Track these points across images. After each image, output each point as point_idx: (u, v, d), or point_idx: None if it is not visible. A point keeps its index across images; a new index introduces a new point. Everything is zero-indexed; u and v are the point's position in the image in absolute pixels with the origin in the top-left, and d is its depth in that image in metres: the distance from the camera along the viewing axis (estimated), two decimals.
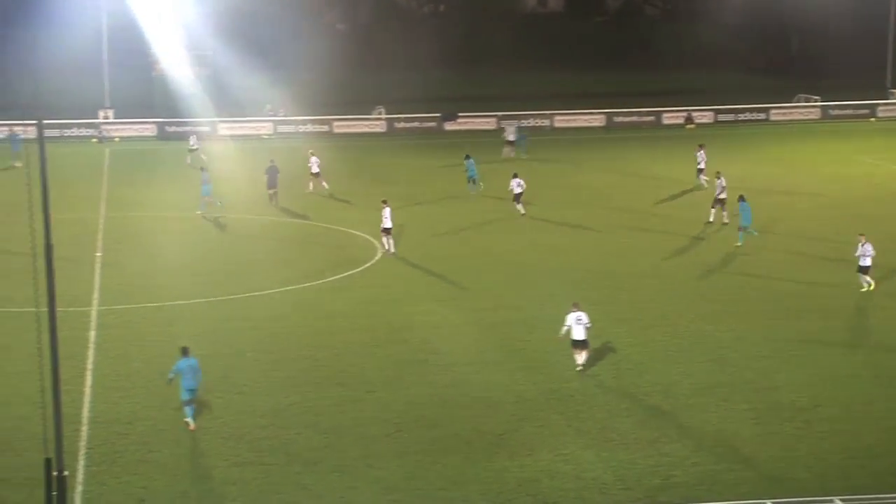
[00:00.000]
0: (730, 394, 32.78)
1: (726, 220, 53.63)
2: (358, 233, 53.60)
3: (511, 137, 77.16)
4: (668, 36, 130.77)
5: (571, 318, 34.39)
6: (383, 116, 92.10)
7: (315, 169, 63.35)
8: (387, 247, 49.28)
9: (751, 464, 28.19)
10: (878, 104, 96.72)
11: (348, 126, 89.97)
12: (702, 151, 64.76)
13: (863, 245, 42.48)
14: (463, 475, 27.65)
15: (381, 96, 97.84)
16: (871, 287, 42.27)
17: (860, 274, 42.52)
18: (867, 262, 42.30)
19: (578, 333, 34.37)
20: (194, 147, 72.91)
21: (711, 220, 54.51)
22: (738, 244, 49.51)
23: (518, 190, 56.82)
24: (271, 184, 59.89)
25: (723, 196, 54.20)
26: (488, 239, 52.68)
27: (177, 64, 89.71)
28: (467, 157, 63.99)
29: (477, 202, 60.63)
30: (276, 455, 28.83)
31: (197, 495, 26.68)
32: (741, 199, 49.72)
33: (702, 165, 64.16)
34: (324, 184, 63.02)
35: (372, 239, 51.78)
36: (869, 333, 38.24)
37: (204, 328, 39.32)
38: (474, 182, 62.78)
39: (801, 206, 59.13)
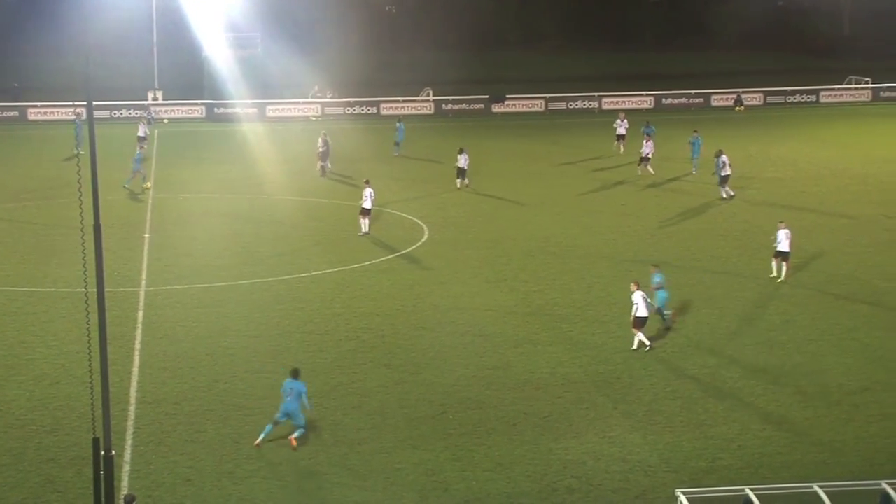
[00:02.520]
0: (778, 377, 32.58)
1: (728, 195, 55.34)
2: (404, 215, 53.64)
3: (622, 131, 70.10)
4: (719, 17, 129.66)
5: (639, 297, 34.66)
6: (431, 98, 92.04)
7: (322, 148, 63.34)
8: (364, 228, 49.37)
9: (797, 447, 28.00)
10: None
11: (396, 107, 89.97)
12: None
13: (782, 230, 42.37)
14: (508, 457, 27.66)
15: (430, 77, 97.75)
16: (781, 276, 42.09)
17: (775, 259, 42.44)
18: (786, 247, 42.13)
19: (642, 311, 34.65)
20: (142, 135, 70.04)
21: (724, 196, 55.79)
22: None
23: (462, 164, 58.66)
24: (323, 157, 62.52)
25: (726, 173, 55.64)
26: (536, 222, 52.51)
27: (224, 46, 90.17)
28: (400, 120, 72.07)
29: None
30: (323, 435, 28.94)
31: (243, 475, 26.83)
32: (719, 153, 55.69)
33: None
34: (321, 165, 63.31)
35: (419, 221, 51.82)
36: None
37: (252, 309, 39.50)
38: (398, 145, 69.71)
39: (852, 189, 58.52)
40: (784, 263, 42.27)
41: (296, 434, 28.43)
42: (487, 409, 30.51)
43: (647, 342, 34.81)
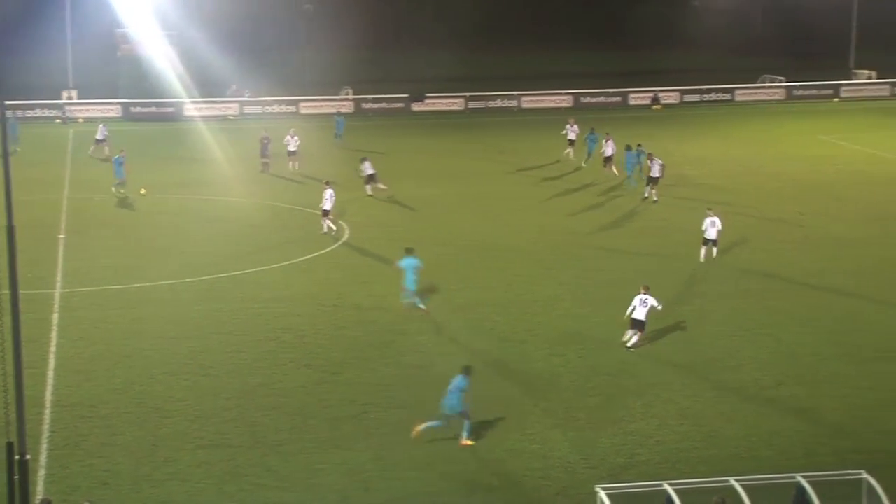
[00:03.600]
0: (694, 372, 32.96)
1: (656, 199, 54.85)
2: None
3: (572, 136, 67.89)
4: (636, 16, 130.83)
5: (637, 300, 34.92)
6: (351, 97, 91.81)
7: (292, 147, 63.54)
8: (325, 228, 49.31)
9: (714, 442, 28.35)
10: (841, 84, 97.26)
11: (315, 106, 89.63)
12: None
13: (709, 218, 44.01)
14: (430, 456, 27.67)
15: (349, 77, 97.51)
16: (711, 257, 44.09)
17: (704, 246, 44.17)
18: (712, 235, 43.93)
19: (639, 314, 34.83)
20: (101, 138, 69.36)
21: (646, 196, 55.87)
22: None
23: (370, 171, 57.54)
24: (264, 153, 63.11)
25: (657, 175, 55.76)
26: (457, 221, 52.65)
27: (142, 44, 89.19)
28: (339, 112, 76.46)
29: (442, 185, 60.60)
30: (242, 437, 28.75)
31: (161, 478, 26.56)
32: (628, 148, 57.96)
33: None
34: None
35: (340, 221, 51.68)
36: (832, 313, 38.44)
37: (169, 310, 39.14)
38: (340, 137, 73.03)
39: (767, 187, 59.32)
40: (714, 249, 44.04)
41: (464, 434, 28.32)
42: (409, 409, 30.48)
43: (630, 344, 34.87)
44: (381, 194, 56.99)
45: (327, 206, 49.45)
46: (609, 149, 61.39)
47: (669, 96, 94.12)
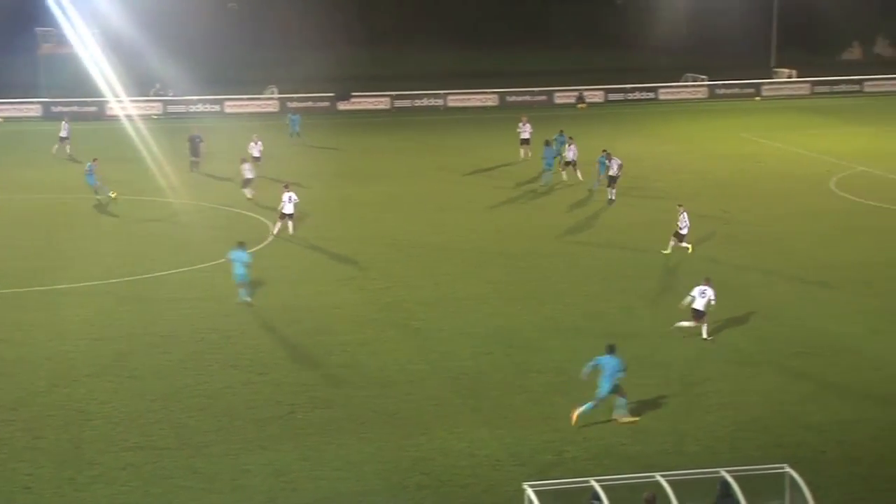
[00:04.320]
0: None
1: (614, 198, 54.66)
2: (250, 214, 53.14)
3: (525, 135, 67.09)
4: (561, 16, 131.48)
5: (696, 290, 35.52)
6: (276, 96, 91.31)
7: (256, 153, 62.04)
8: (286, 229, 48.62)
9: (641, 438, 28.56)
10: (762, 83, 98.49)
11: (240, 106, 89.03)
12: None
13: (681, 215, 44.99)
14: (357, 455, 27.61)
15: (274, 75, 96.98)
16: (687, 251, 45.20)
17: (674, 239, 45.24)
18: (684, 230, 45.04)
19: (698, 304, 35.39)
20: (65, 136, 68.80)
21: (612, 197, 55.43)
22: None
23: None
24: (193, 152, 62.11)
25: (615, 174, 55.45)
26: (384, 220, 52.57)
27: (64, 43, 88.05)
28: (294, 112, 76.19)
29: (376, 185, 60.47)
30: (168, 439, 28.49)
31: (85, 481, 26.24)
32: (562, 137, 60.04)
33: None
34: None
35: (265, 220, 51.39)
36: (755, 308, 38.88)
37: (93, 311, 38.69)
38: (297, 135, 73.05)
39: (690, 184, 59.85)
40: (681, 243, 45.14)
41: (622, 411, 29.04)
42: (336, 408, 30.42)
43: (699, 332, 35.63)
44: (248, 200, 54.98)
45: (288, 209, 48.42)
46: (570, 153, 60.77)
47: (594, 95, 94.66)
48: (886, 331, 36.50)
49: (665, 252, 45.15)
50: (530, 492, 21.57)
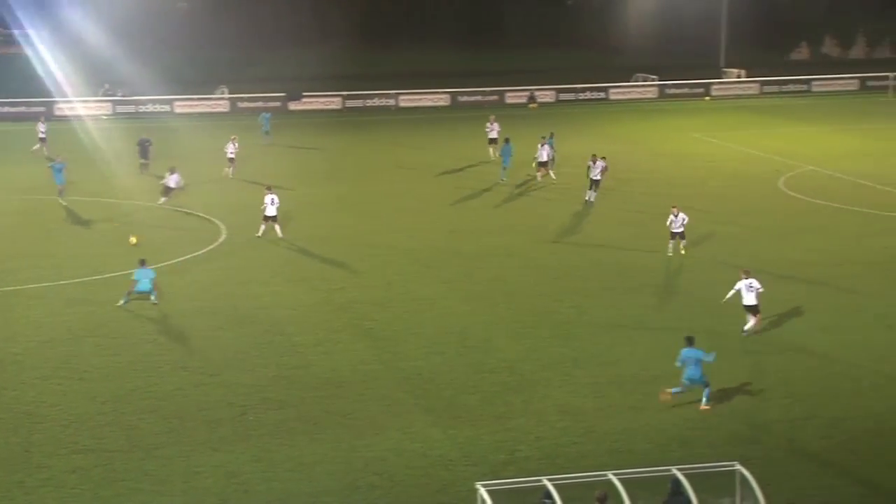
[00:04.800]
0: (573, 368, 33.29)
1: (592, 200, 54.58)
2: (201, 214, 52.86)
3: (493, 134, 67.07)
4: (512, 16, 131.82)
5: (742, 284, 35.71)
6: (226, 96, 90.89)
7: (231, 154, 61.78)
8: (272, 231, 47.69)
9: (593, 437, 28.67)
10: (712, 83, 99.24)
11: (190, 106, 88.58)
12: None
13: (675, 216, 45.01)
14: (310, 456, 27.53)
15: (225, 76, 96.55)
16: (683, 251, 45.11)
17: (671, 240, 45.25)
18: (679, 229, 45.06)
19: (749, 300, 35.60)
20: (42, 135, 68.96)
21: (587, 199, 55.22)
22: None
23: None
24: (143, 155, 61.64)
25: (596, 177, 54.70)
26: (337, 220, 52.46)
27: (12, 43, 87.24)
28: (266, 112, 76.04)
29: (329, 186, 60.31)
30: (118, 442, 28.28)
31: (34, 485, 25.98)
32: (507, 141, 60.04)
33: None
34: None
35: (215, 220, 51.15)
36: (704, 307, 39.12)
37: (41, 313, 38.33)
38: (268, 133, 73.31)
39: (640, 183, 60.19)
40: (682, 241, 45.19)
41: (704, 400, 29.83)
42: (288, 409, 30.32)
43: (746, 327, 35.93)
44: (164, 205, 53.96)
45: (271, 211, 47.65)
46: (544, 154, 60.38)
47: (545, 95, 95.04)
48: (835, 328, 36.86)
49: (669, 254, 45.10)
50: (483, 491, 21.59)
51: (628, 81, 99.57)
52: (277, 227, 48.05)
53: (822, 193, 57.16)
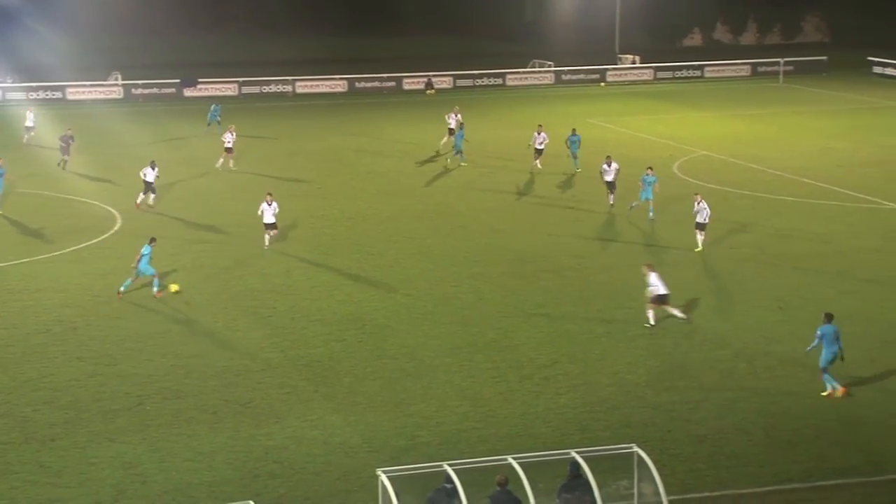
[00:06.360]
0: (472, 354, 33.45)
1: (613, 202, 52.10)
2: (96, 202, 52.05)
3: (452, 125, 65.05)
4: (410, 1, 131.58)
5: (653, 278, 35.52)
6: (120, 82, 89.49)
7: (228, 144, 60.05)
8: (266, 243, 44.69)
9: (493, 422, 28.86)
10: (607, 69, 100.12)
11: (83, 92, 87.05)
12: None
13: (698, 203, 44.19)
14: (208, 445, 27.32)
15: (118, 62, 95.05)
16: (699, 248, 44.30)
17: (698, 232, 44.35)
18: (703, 218, 44.10)
19: (662, 289, 35.36)
20: (31, 125, 67.12)
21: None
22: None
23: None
24: (64, 151, 59.15)
25: (611, 179, 52.35)
26: (233, 207, 51.96)
27: None
28: (216, 104, 73.36)
29: (221, 173, 59.70)
30: (12, 434, 27.81)
31: None
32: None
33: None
34: (230, 163, 59.93)
35: (110, 209, 50.40)
36: (600, 291, 39.58)
37: None
38: (218, 124, 69.60)
39: (539, 169, 60.47)
40: (702, 233, 44.25)
41: (832, 383, 29.91)
42: (186, 399, 30.05)
43: (681, 314, 35.77)
44: (148, 207, 51.23)
45: (268, 218, 44.26)
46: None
47: (443, 81, 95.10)
48: (727, 310, 37.52)
49: (697, 250, 44.34)
50: (384, 477, 21.61)
51: (525, 68, 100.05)
52: (272, 234, 44.75)
53: (714, 177, 58.08)
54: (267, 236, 44.74)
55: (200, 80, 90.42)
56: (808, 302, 38.22)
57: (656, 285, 35.77)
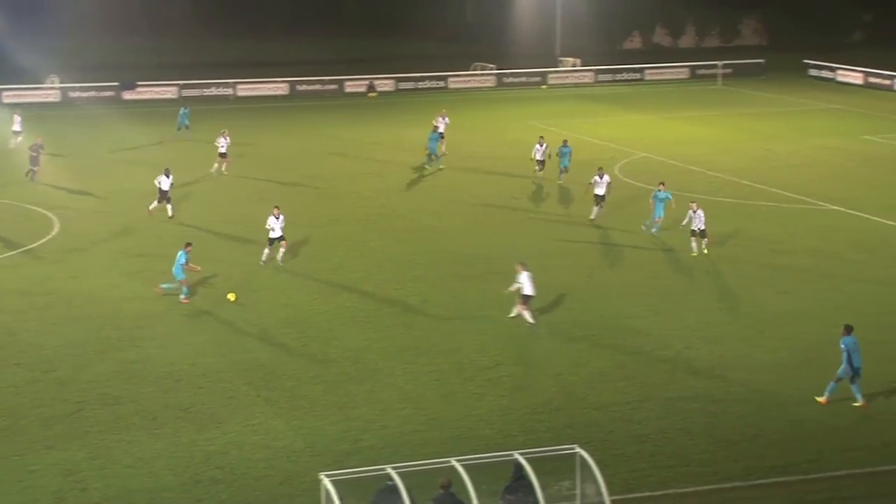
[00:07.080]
0: (416, 356, 33.44)
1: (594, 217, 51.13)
2: (32, 207, 51.45)
3: (441, 129, 64.83)
4: (351, 3, 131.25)
5: (524, 277, 35.59)
6: (57, 85, 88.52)
7: (222, 149, 59.21)
8: (263, 257, 43.00)
9: (436, 424, 28.85)
10: (548, 72, 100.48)
11: (19, 96, 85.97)
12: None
13: (694, 212, 44.02)
14: (149, 451, 27.09)
15: (55, 64, 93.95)
16: (706, 251, 44.05)
17: (693, 238, 44.09)
18: (700, 225, 43.92)
19: (529, 289, 35.61)
20: (18, 129, 65.94)
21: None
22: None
23: None
24: (33, 162, 57.36)
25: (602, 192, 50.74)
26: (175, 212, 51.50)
27: None
28: (185, 107, 72.02)
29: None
30: None
31: None
32: None
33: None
34: (223, 168, 59.22)
35: (48, 213, 49.85)
36: (543, 293, 39.66)
37: None
38: (186, 128, 69.31)
39: (482, 171, 60.58)
40: (703, 240, 43.89)
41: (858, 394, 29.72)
42: (126, 404, 29.78)
43: (531, 319, 35.70)
44: (168, 218, 49.65)
45: (275, 233, 42.33)
46: (539, 153, 59.25)
47: (385, 84, 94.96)
48: (668, 311, 37.76)
49: (693, 254, 44.08)
50: (327, 482, 21.54)
51: (467, 70, 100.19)
52: (275, 249, 42.86)
53: (656, 179, 58.25)
54: (268, 250, 42.68)
55: (139, 82, 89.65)
56: (746, 302, 38.59)
57: (523, 284, 35.90)
